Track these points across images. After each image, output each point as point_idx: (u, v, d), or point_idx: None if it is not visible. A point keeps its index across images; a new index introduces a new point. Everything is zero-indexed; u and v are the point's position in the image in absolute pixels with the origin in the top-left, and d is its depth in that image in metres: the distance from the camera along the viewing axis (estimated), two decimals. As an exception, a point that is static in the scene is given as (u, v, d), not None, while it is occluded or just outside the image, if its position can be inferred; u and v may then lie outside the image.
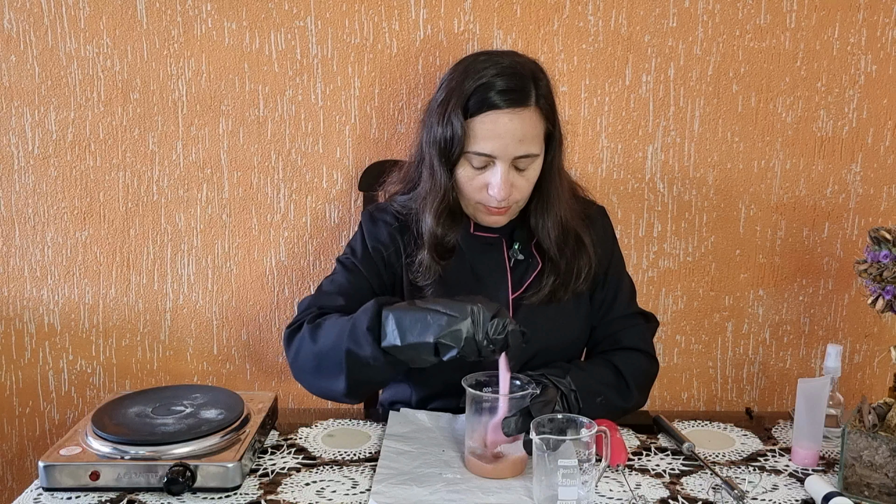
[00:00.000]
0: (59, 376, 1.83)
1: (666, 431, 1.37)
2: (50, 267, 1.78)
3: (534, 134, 1.31)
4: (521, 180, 1.33)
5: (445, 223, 1.37)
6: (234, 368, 1.84)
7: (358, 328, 1.22)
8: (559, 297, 1.41)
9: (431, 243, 1.37)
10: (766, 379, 1.88)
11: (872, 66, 1.73)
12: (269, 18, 1.68)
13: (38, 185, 1.74)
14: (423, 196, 1.38)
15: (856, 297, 1.84)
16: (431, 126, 1.35)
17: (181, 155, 1.74)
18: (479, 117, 1.29)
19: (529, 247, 1.43)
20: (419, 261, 1.39)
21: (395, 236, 1.44)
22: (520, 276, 1.43)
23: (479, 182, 1.33)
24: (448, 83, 1.34)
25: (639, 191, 1.78)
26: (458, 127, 1.29)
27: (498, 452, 1.22)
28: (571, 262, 1.41)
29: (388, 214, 1.46)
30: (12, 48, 1.68)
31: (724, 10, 1.69)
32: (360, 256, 1.44)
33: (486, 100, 1.28)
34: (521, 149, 1.30)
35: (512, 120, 1.28)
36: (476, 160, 1.31)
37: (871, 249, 1.23)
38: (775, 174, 1.78)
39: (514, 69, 1.31)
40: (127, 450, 1.19)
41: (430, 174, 1.36)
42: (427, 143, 1.36)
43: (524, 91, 1.30)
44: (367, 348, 1.21)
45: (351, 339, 1.23)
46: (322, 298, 1.40)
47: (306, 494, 1.18)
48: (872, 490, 1.17)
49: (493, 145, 1.29)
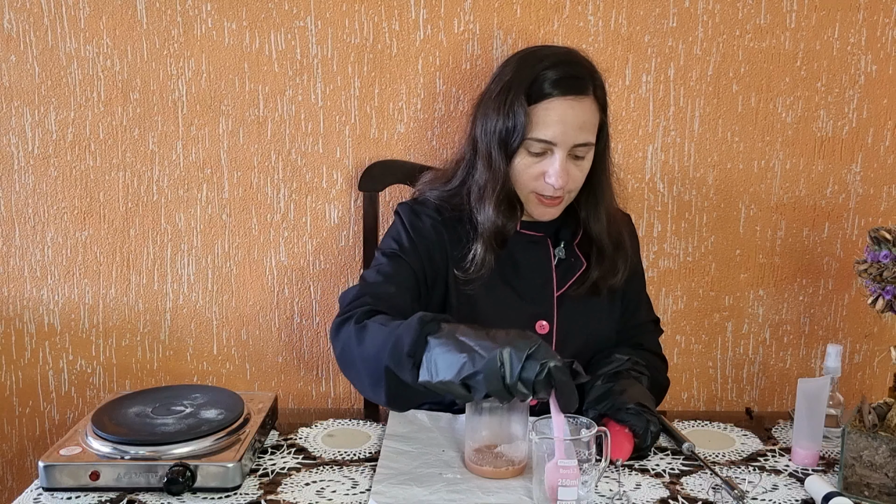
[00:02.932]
0: (59, 376, 1.83)
1: (666, 431, 1.37)
2: (50, 267, 1.78)
3: (592, 123, 1.35)
4: (575, 170, 1.35)
5: (505, 212, 1.38)
6: (234, 368, 1.84)
7: (399, 349, 1.13)
8: (600, 290, 1.44)
9: (491, 232, 1.37)
10: (766, 379, 1.88)
11: (872, 66, 1.73)
12: (269, 18, 1.68)
13: (38, 185, 1.74)
14: (481, 187, 1.38)
15: (856, 297, 1.84)
16: (487, 117, 1.36)
17: (181, 155, 1.74)
18: (542, 104, 1.32)
19: (573, 246, 1.45)
20: (472, 254, 1.39)
21: (440, 230, 1.42)
22: (563, 273, 1.44)
23: (536, 170, 1.35)
24: (502, 75, 1.37)
25: (639, 191, 1.78)
26: (520, 114, 1.31)
27: (498, 452, 1.22)
28: (614, 256, 1.44)
29: (429, 208, 1.44)
30: (12, 48, 1.68)
31: (724, 10, 1.69)
32: (405, 247, 1.39)
33: (551, 86, 1.31)
34: (580, 136, 1.33)
35: (573, 107, 1.31)
36: (536, 147, 1.33)
37: (871, 249, 1.23)
38: (775, 174, 1.78)
39: (572, 59, 1.35)
40: (127, 450, 1.19)
41: (486, 165, 1.37)
42: (483, 134, 1.37)
43: (583, 80, 1.33)
44: (407, 374, 1.13)
45: (392, 358, 1.14)
46: (371, 287, 1.34)
47: (306, 494, 1.18)
48: (872, 490, 1.17)
49: (555, 131, 1.31)
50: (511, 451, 1.22)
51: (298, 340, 1.83)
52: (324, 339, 1.82)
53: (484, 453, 1.22)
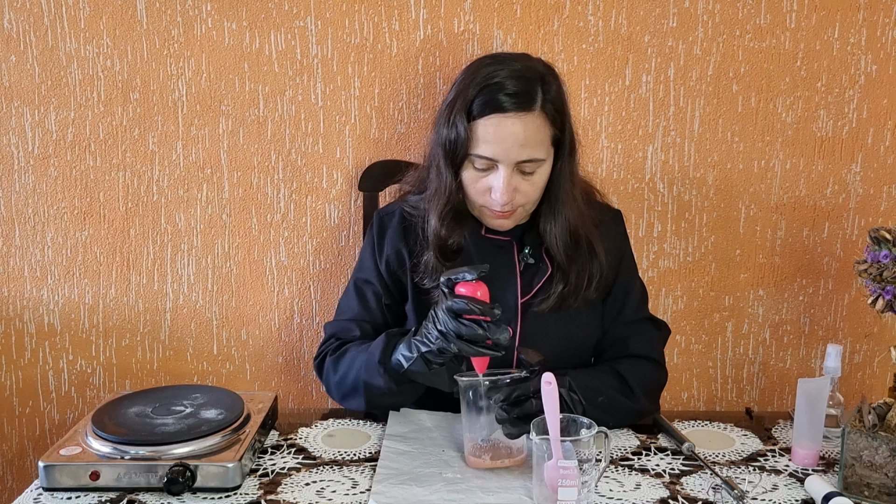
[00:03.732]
0: (59, 376, 1.83)
1: (666, 431, 1.37)
2: (50, 267, 1.78)
3: (538, 139, 1.30)
4: (526, 185, 1.33)
5: (450, 225, 1.37)
6: (234, 368, 1.84)
7: (371, 362, 1.32)
8: (568, 305, 1.41)
9: (436, 244, 1.38)
10: (766, 379, 1.88)
11: (872, 66, 1.73)
12: (269, 18, 1.68)
13: (38, 185, 1.74)
14: (430, 197, 1.39)
15: (856, 297, 1.84)
16: (439, 127, 1.35)
17: (181, 155, 1.74)
18: (482, 120, 1.29)
19: (540, 251, 1.43)
20: (424, 262, 1.40)
21: (399, 242, 1.45)
22: (529, 279, 1.42)
23: (482, 185, 1.33)
24: (458, 85, 1.34)
25: (639, 191, 1.78)
26: (461, 129, 1.29)
27: (496, 443, 1.23)
28: (582, 270, 1.40)
29: (395, 217, 1.47)
30: (12, 48, 1.68)
31: (724, 10, 1.69)
32: (370, 273, 1.48)
33: (490, 102, 1.28)
34: (523, 153, 1.29)
35: (515, 124, 1.28)
36: (479, 163, 1.31)
37: (871, 249, 1.22)
38: (775, 174, 1.78)
39: (521, 72, 1.30)
40: (127, 450, 1.19)
41: (436, 175, 1.37)
42: (434, 144, 1.37)
43: (529, 95, 1.29)
44: (380, 379, 1.31)
45: (366, 372, 1.33)
46: (339, 328, 1.48)
47: (306, 494, 1.18)
48: (872, 490, 1.17)
49: (495, 149, 1.29)
50: (508, 441, 1.22)
51: (298, 340, 1.83)
52: (324, 339, 1.83)
53: (482, 447, 1.23)
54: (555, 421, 1.12)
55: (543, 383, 1.14)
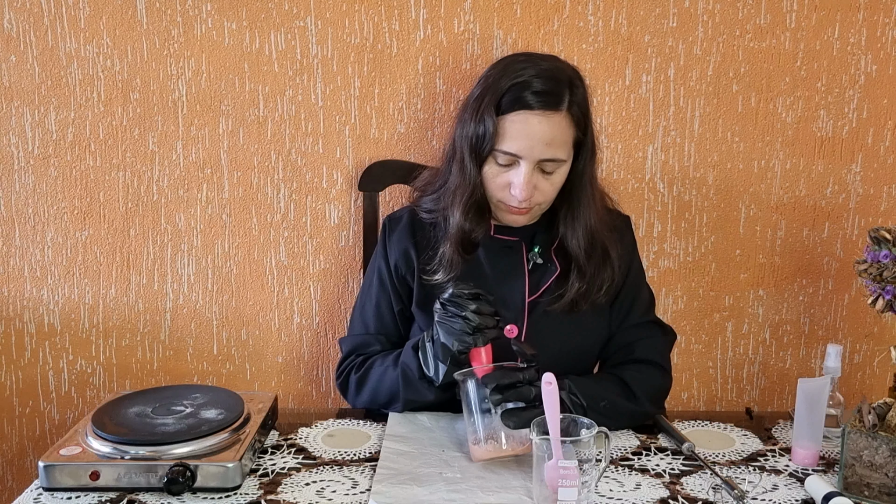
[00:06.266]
0: (59, 376, 1.83)
1: (666, 431, 1.37)
2: (50, 267, 1.78)
3: (562, 139, 1.32)
4: (545, 183, 1.34)
5: (473, 218, 1.38)
6: (234, 368, 1.84)
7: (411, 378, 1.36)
8: (580, 307, 1.42)
9: (458, 237, 1.39)
10: (766, 379, 1.88)
11: (872, 66, 1.73)
12: (269, 18, 1.68)
13: (38, 185, 1.74)
14: (453, 190, 1.39)
15: (856, 297, 1.84)
16: (465, 121, 1.36)
17: (181, 155, 1.74)
18: (510, 116, 1.31)
19: (549, 252, 1.44)
20: (441, 255, 1.40)
21: (407, 241, 1.46)
22: (537, 279, 1.43)
23: (502, 180, 1.35)
24: (485, 80, 1.36)
25: (639, 191, 1.78)
26: (489, 123, 1.31)
27: (497, 432, 1.23)
28: (595, 274, 1.41)
29: (403, 219, 1.49)
30: (12, 48, 1.68)
31: (724, 10, 1.69)
32: (383, 282, 1.50)
33: (519, 99, 1.30)
34: (547, 152, 1.31)
35: (541, 122, 1.30)
36: (502, 158, 1.33)
37: (871, 249, 1.22)
38: (775, 174, 1.78)
39: (551, 73, 1.32)
40: (127, 450, 1.19)
41: (460, 169, 1.38)
42: (459, 138, 1.37)
43: (558, 95, 1.31)
44: (428, 394, 1.36)
45: (409, 391, 1.37)
46: (359, 343, 1.51)
47: (306, 494, 1.18)
48: (872, 490, 1.17)
49: (520, 145, 1.31)
50: (510, 431, 1.22)
51: (298, 340, 1.83)
52: (324, 339, 1.83)
53: (485, 440, 1.23)
54: (555, 421, 1.12)
55: (544, 383, 1.15)
